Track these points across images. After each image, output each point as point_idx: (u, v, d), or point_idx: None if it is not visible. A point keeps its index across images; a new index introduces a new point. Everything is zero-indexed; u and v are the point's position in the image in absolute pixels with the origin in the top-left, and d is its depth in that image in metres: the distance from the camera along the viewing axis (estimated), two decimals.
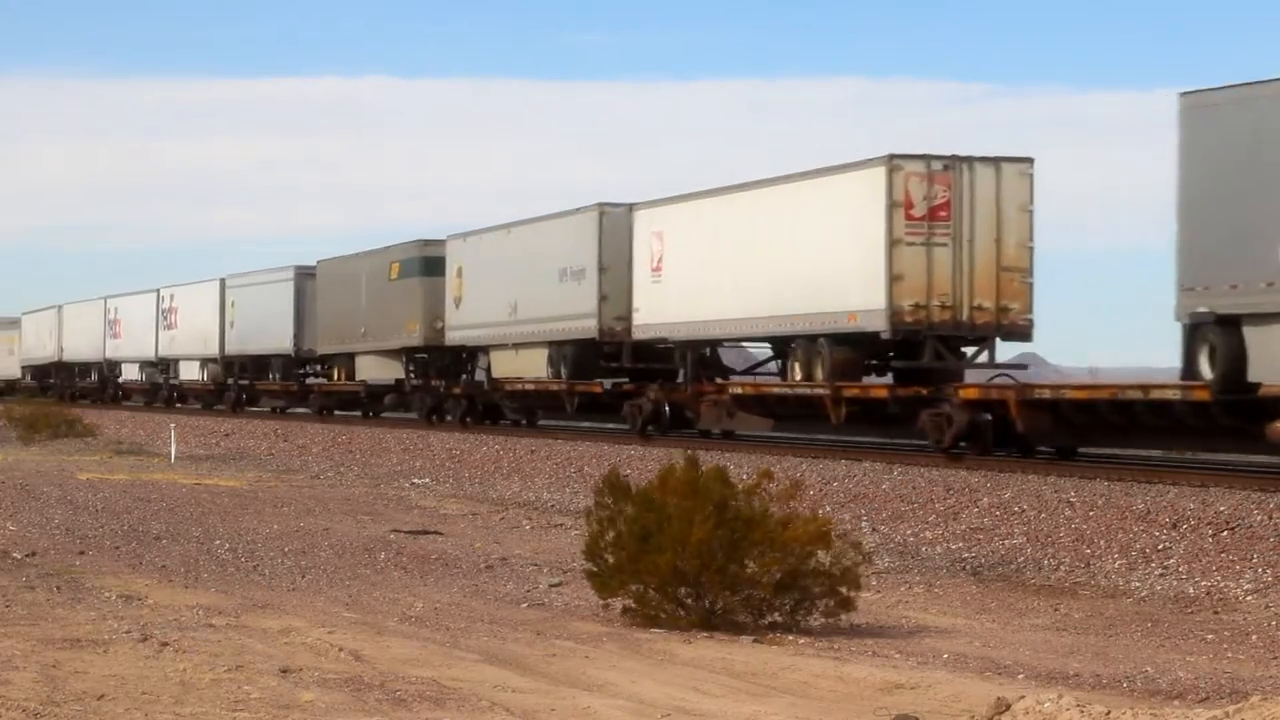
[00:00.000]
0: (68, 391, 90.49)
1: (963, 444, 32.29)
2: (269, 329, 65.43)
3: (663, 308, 40.89)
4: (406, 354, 54.70)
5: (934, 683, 14.14)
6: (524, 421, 50.28)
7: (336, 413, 62.27)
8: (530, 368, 47.22)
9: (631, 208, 42.65)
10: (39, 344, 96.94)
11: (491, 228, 50.72)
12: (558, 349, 45.31)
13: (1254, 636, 17.57)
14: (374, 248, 58.10)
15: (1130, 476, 27.83)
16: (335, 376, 61.32)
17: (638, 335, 42.14)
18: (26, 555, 22.59)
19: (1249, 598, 19.74)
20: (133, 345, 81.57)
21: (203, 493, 33.92)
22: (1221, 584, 20.44)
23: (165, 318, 77.35)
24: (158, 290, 78.69)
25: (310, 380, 64.92)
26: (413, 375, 54.67)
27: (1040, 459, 31.87)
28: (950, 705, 13.19)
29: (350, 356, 59.09)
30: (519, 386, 48.48)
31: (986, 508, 26.14)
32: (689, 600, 17.12)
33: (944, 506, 26.82)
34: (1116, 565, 22.05)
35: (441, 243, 53.12)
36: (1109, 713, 11.11)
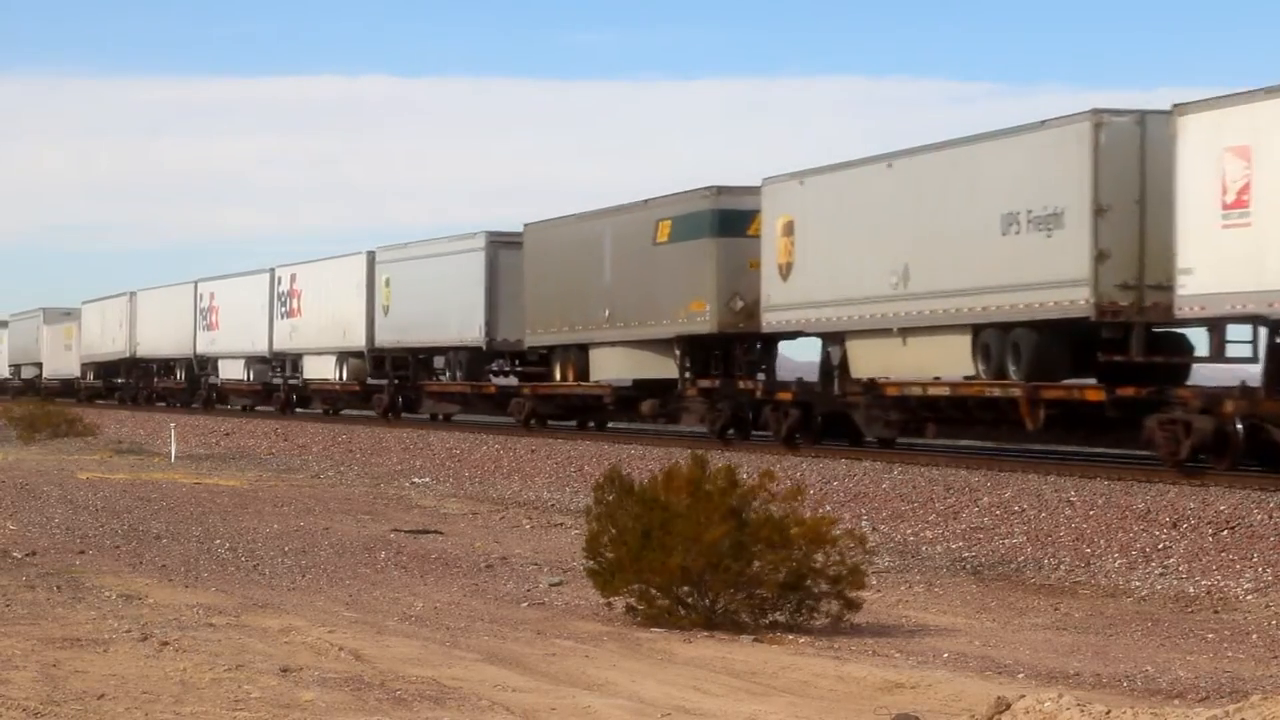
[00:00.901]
0: (143, 393, 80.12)
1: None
2: (444, 314, 50.86)
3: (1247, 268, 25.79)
4: (684, 344, 40.01)
5: (934, 682, 14.14)
6: (894, 441, 35.80)
7: (550, 422, 47.63)
8: (933, 363, 32.73)
9: (1176, 110, 27.13)
10: (105, 337, 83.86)
11: (852, 162, 35.66)
12: (1000, 335, 30.60)
13: (1254, 636, 17.57)
14: (621, 203, 43.33)
15: (1130, 476, 27.82)
16: (560, 375, 45.85)
17: (1186, 310, 26.94)
18: (26, 555, 22.59)
19: (1249, 597, 19.74)
20: (236, 337, 67.61)
21: (203, 492, 33.91)
22: (1221, 583, 20.44)
23: (283, 303, 63.14)
24: (272, 270, 64.84)
25: (498, 378, 50.54)
26: (690, 373, 40.03)
27: (1040, 459, 31.84)
28: (950, 705, 13.19)
29: (582, 349, 44.33)
30: (913, 391, 33.21)
31: (986, 507, 26.14)
32: (691, 599, 17.12)
33: (944, 506, 26.81)
34: (1116, 565, 22.05)
35: (748, 190, 38.37)
36: (1109, 712, 11.10)
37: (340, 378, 58.84)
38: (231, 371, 69.42)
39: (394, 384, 55.08)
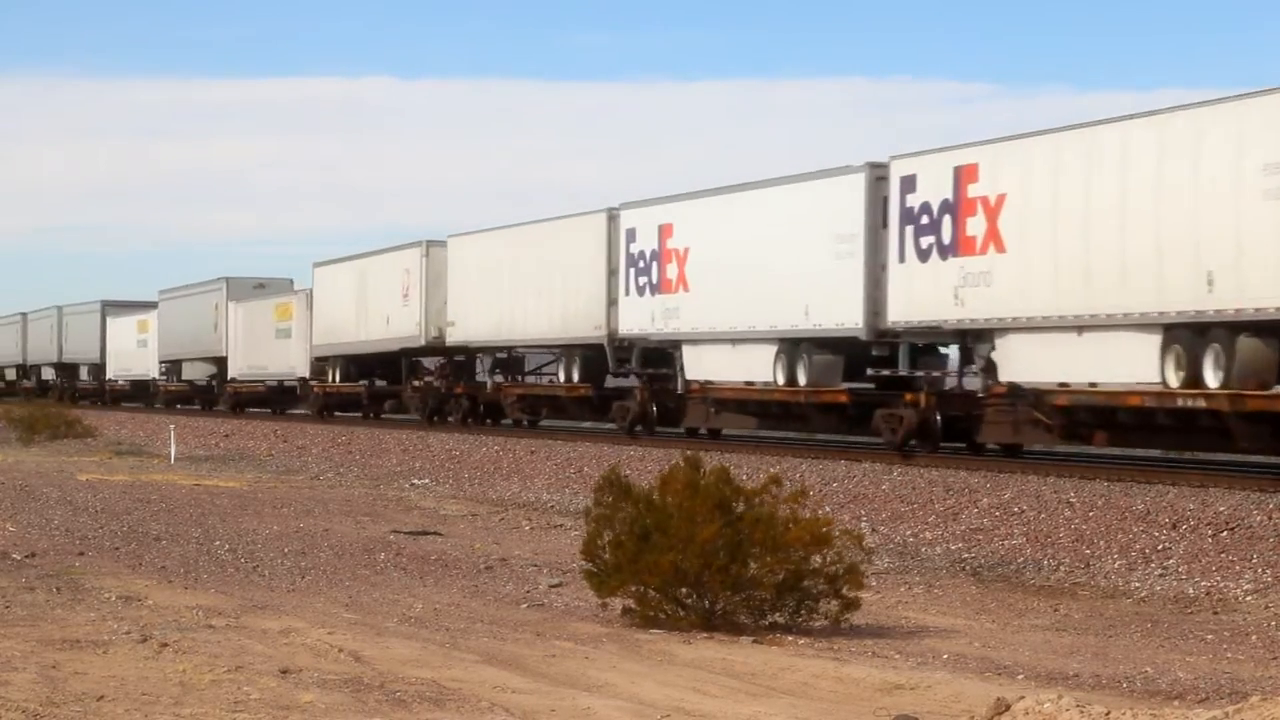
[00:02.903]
0: (470, 408, 51.77)
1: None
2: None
3: None
4: None
5: (934, 683, 14.14)
6: None
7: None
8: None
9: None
10: (364, 313, 56.86)
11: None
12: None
13: (1254, 636, 17.58)
14: None
15: (1130, 476, 27.85)
16: None
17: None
18: (26, 556, 22.59)
19: (1249, 598, 19.74)
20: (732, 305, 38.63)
21: (202, 493, 33.92)
22: (1221, 584, 20.45)
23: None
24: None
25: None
26: None
27: (1041, 458, 31.84)
28: (950, 705, 13.19)
29: None
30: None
31: (986, 508, 26.14)
32: (689, 600, 17.12)
33: (944, 506, 26.82)
34: (1116, 565, 22.05)
35: None
36: (1109, 713, 11.11)
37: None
38: (719, 365, 39.15)
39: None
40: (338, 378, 60.42)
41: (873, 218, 33.81)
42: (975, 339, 32.25)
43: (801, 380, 35.89)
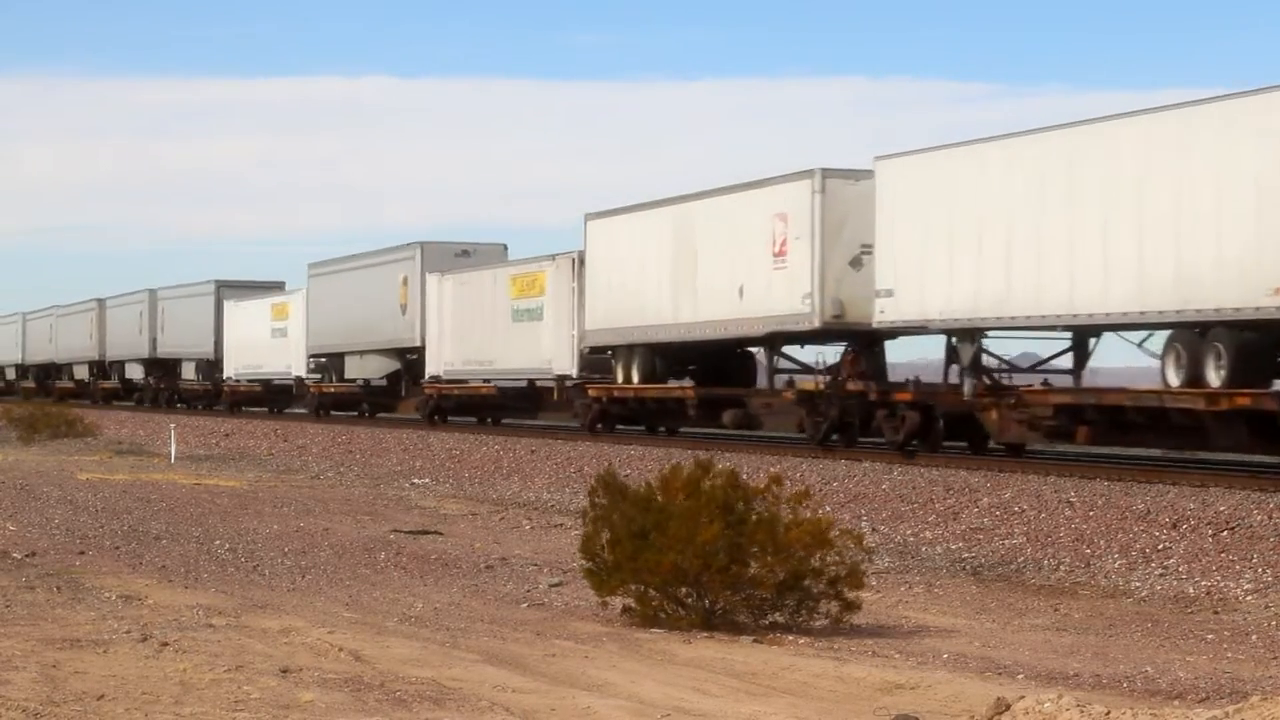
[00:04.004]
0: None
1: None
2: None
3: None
4: None
5: (934, 683, 14.14)
6: None
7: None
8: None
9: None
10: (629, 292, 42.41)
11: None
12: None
13: (1254, 636, 17.57)
14: None
15: (1130, 476, 27.85)
16: None
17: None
18: (26, 555, 22.58)
19: (1249, 598, 19.74)
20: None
21: (202, 493, 33.91)
22: (1221, 584, 20.44)
23: None
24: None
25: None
26: None
27: (1041, 458, 31.81)
28: (950, 705, 13.19)
29: None
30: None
31: (986, 508, 26.14)
32: (689, 600, 17.12)
33: (944, 506, 26.82)
34: (1116, 565, 22.05)
35: None
36: (1109, 713, 11.11)
37: None
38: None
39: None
40: (635, 375, 42.59)
41: None
42: None
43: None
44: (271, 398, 68.69)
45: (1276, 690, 13.32)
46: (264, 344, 67.41)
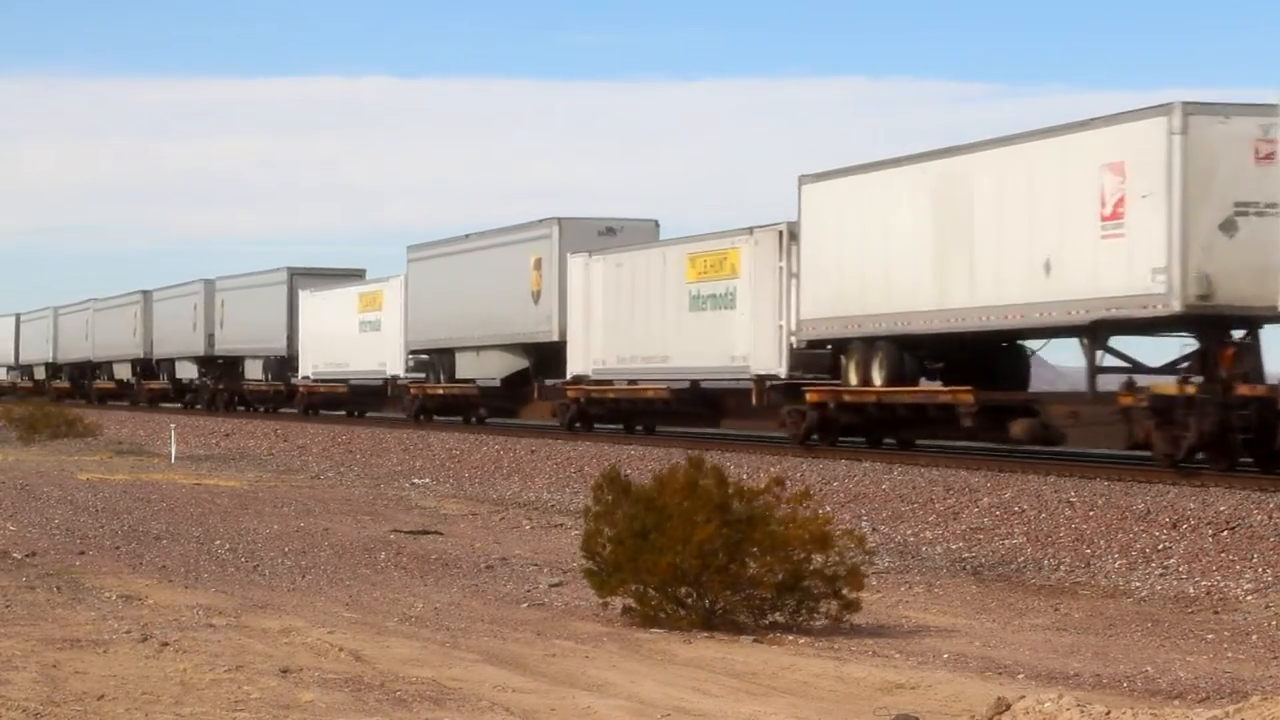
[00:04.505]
0: None
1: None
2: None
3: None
4: None
5: (934, 683, 14.13)
6: None
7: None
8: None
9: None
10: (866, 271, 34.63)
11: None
12: None
13: (1254, 636, 17.58)
14: None
15: (1130, 476, 27.83)
16: None
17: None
18: (27, 555, 22.58)
19: (1249, 598, 19.74)
20: None
21: (203, 493, 33.91)
22: (1221, 584, 20.45)
23: None
24: None
25: None
26: None
27: (1040, 458, 31.80)
28: (950, 705, 13.18)
29: None
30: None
31: (986, 508, 26.14)
32: (689, 600, 17.12)
33: (944, 506, 26.82)
34: (1116, 565, 22.05)
35: None
36: (1109, 713, 11.10)
37: None
38: None
39: None
40: (876, 375, 34.28)
41: None
42: None
43: None
44: (357, 400, 60.74)
45: (1276, 690, 13.32)
46: (349, 339, 58.82)
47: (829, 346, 36.38)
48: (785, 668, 14.83)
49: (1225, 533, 22.36)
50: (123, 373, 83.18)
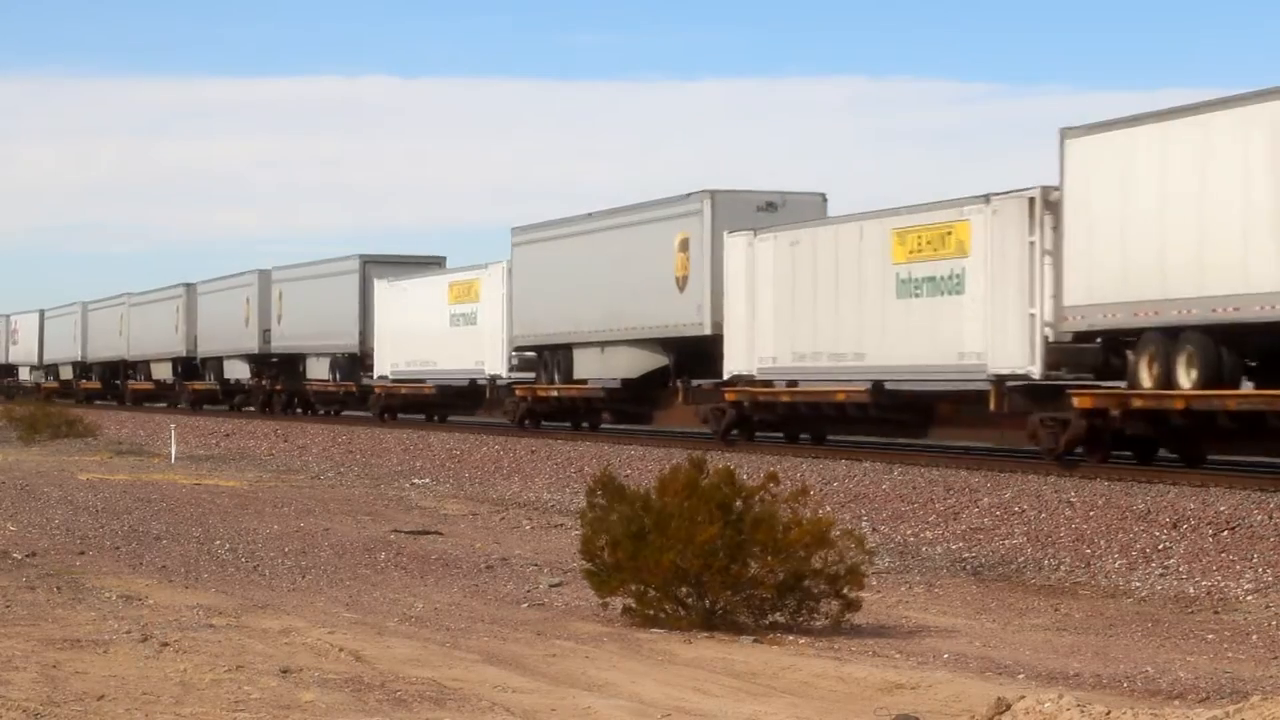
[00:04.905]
0: None
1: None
2: None
3: None
4: None
5: (934, 683, 14.14)
6: None
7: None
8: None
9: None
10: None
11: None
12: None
13: (1254, 636, 17.58)
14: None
15: (1130, 476, 27.82)
16: None
17: None
18: (27, 555, 22.58)
19: (1249, 598, 19.74)
20: None
21: (203, 493, 33.91)
22: (1221, 584, 20.45)
23: None
24: None
25: None
26: None
27: (1040, 458, 31.82)
28: (950, 705, 13.18)
29: None
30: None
31: (987, 508, 26.14)
32: (689, 600, 17.12)
33: (944, 506, 26.82)
34: (1117, 565, 22.05)
35: None
36: (1109, 712, 11.10)
37: None
38: None
39: None
40: (1184, 375, 27.39)
41: None
42: None
43: None
44: (446, 403, 53.97)
45: (1276, 690, 13.32)
46: (438, 335, 51.62)
47: (1098, 340, 29.56)
48: (785, 668, 14.83)
49: (1225, 533, 22.36)
50: (162, 372, 76.62)
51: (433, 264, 56.88)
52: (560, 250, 46.03)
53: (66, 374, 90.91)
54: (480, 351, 49.70)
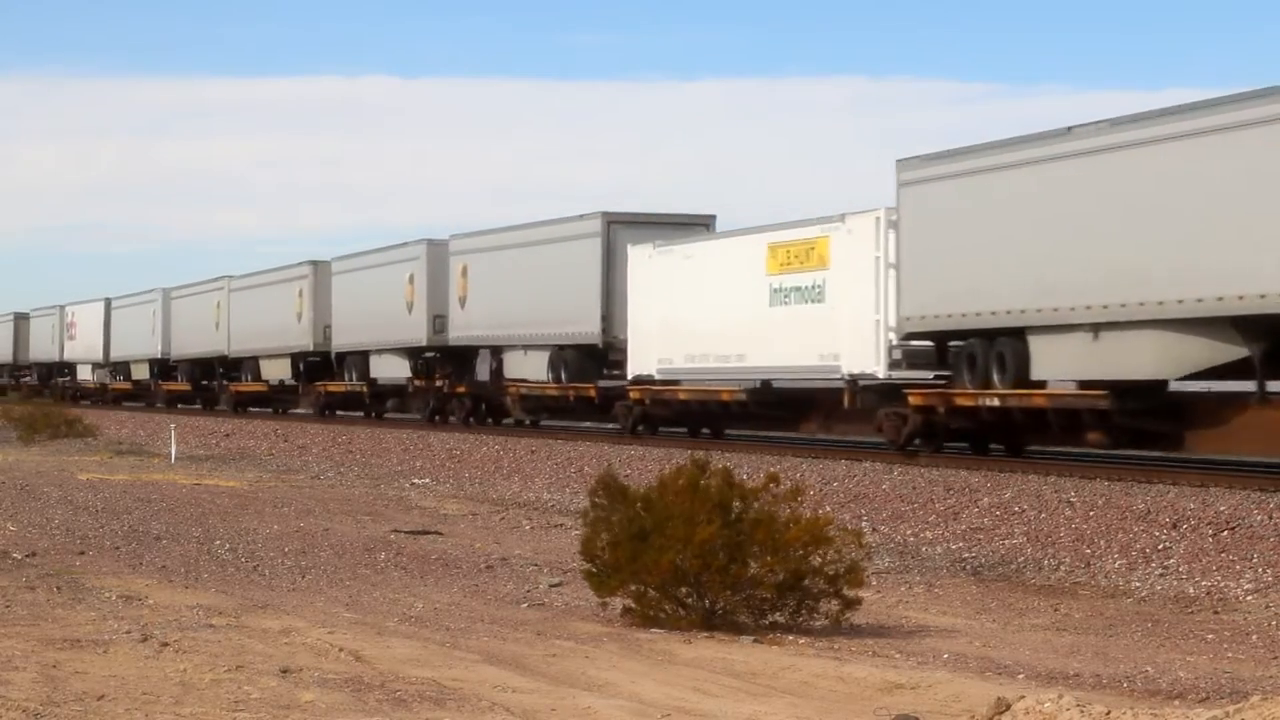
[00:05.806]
0: None
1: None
2: None
3: None
4: None
5: (934, 683, 14.14)
6: None
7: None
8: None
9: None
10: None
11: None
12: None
13: (1254, 636, 17.58)
14: None
15: (1130, 476, 27.84)
16: None
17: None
18: (27, 555, 22.59)
19: (1249, 598, 19.75)
20: None
21: (203, 493, 33.91)
22: (1221, 584, 20.45)
23: None
24: None
25: None
26: None
27: (1041, 459, 31.85)
28: (950, 705, 13.19)
29: None
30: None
31: (986, 508, 26.14)
32: (689, 600, 17.12)
33: (944, 506, 26.82)
34: (1116, 565, 22.06)
35: None
36: (1109, 713, 11.10)
37: None
38: None
39: None
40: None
41: None
42: None
43: None
44: (763, 413, 39.24)
45: (1276, 690, 13.32)
46: (751, 319, 37.56)
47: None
48: (785, 668, 14.83)
49: (1225, 533, 22.36)
50: (275, 371, 63.25)
51: (698, 225, 43.91)
52: (988, 187, 30.47)
53: (140, 373, 77.82)
54: (834, 340, 34.85)
